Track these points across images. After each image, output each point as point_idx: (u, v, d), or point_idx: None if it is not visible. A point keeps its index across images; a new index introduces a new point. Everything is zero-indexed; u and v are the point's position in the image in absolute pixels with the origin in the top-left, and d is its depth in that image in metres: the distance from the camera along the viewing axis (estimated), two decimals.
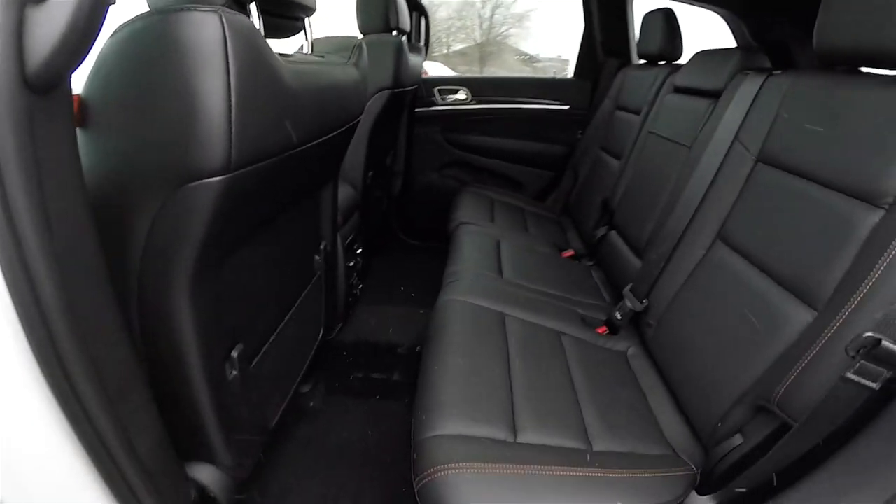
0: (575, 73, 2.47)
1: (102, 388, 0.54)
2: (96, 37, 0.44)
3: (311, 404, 1.54)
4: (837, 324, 0.74)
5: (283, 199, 0.95)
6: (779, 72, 1.17)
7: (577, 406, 1.01)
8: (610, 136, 2.03)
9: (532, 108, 2.38)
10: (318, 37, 1.15)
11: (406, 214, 2.54)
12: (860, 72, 0.95)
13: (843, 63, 0.96)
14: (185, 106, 0.57)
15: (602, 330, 1.35)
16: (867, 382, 0.66)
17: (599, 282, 1.64)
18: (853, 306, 0.73)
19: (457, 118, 2.40)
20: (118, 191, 0.64)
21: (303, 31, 1.00)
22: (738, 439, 0.87)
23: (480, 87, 2.40)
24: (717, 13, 2.05)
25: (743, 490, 0.83)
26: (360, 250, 1.73)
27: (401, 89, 1.73)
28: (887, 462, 0.63)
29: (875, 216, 0.78)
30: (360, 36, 1.76)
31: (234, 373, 0.89)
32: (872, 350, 0.65)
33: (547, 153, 2.40)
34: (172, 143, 0.60)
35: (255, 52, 0.63)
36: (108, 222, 0.61)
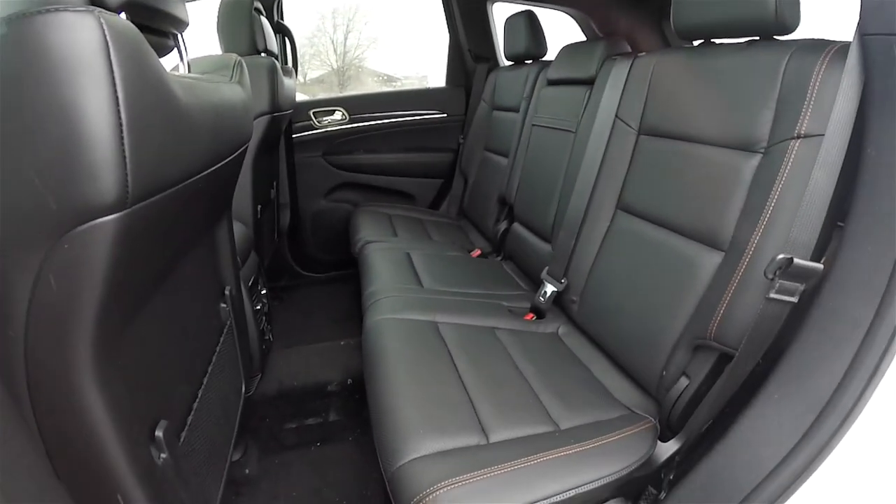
0: (447, 81, 2.53)
1: None
2: None
3: (247, 472, 1.37)
4: (749, 254, 0.83)
5: (184, 239, 0.83)
6: (643, 53, 1.30)
7: (533, 393, 1.01)
8: (492, 136, 2.11)
9: (411, 120, 2.40)
10: (192, 57, 1.04)
11: (300, 247, 2.41)
12: (713, 43, 1.08)
13: (699, 37, 1.09)
14: (63, 128, 0.46)
15: (530, 317, 1.38)
16: (788, 298, 0.75)
17: (513, 273, 1.68)
18: (759, 235, 0.83)
19: (337, 139, 2.34)
20: None
21: (175, 49, 0.89)
22: (684, 381, 0.93)
23: (356, 106, 2.36)
24: (567, 13, 2.24)
25: (701, 426, 0.88)
26: (263, 291, 1.59)
27: (279, 114, 1.64)
28: (818, 366, 0.71)
29: (754, 160, 0.90)
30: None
31: (164, 456, 0.75)
32: (787, 269, 0.73)
33: (433, 162, 2.42)
34: (52, 177, 0.47)
35: (142, 59, 0.53)
36: None
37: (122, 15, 0.66)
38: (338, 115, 2.35)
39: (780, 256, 0.74)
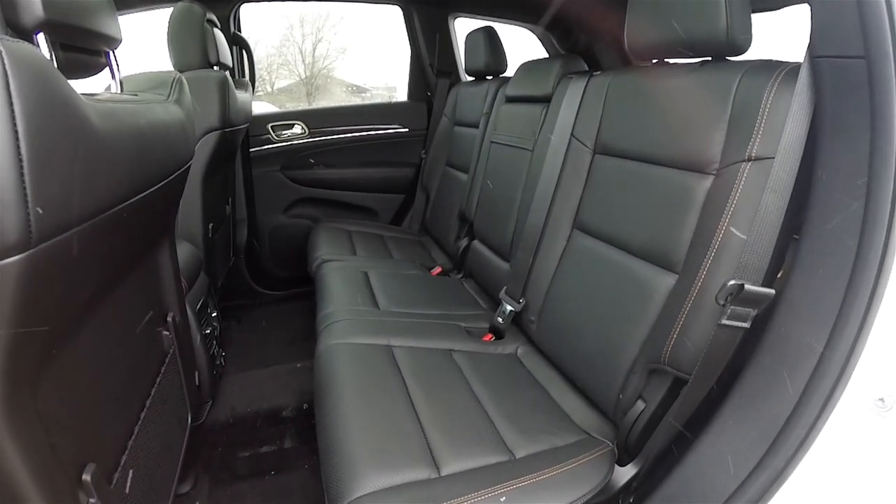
0: (409, 95, 2.52)
1: None
2: None
3: None
4: (701, 279, 0.83)
5: (114, 268, 0.78)
6: (598, 73, 1.30)
7: (488, 420, 0.98)
8: (453, 151, 2.10)
9: (372, 135, 2.37)
10: (130, 74, 0.99)
11: (258, 265, 2.33)
12: (667, 63, 1.09)
13: (653, 57, 1.09)
14: None
15: (488, 337, 1.36)
16: (740, 324, 0.74)
17: (473, 292, 1.66)
18: (710, 260, 0.82)
19: (296, 154, 2.28)
20: None
21: (108, 68, 0.84)
22: (640, 405, 0.92)
23: (316, 119, 2.32)
24: (529, 29, 2.26)
25: (658, 450, 0.87)
26: (214, 314, 1.52)
27: (231, 129, 1.58)
28: (771, 392, 0.70)
29: (706, 182, 0.89)
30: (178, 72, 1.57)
31: (92, 501, 0.69)
32: (738, 294, 0.72)
33: (394, 177, 2.39)
34: None
35: (48, 87, 0.49)
36: None
37: (41, 36, 0.62)
38: (297, 129, 2.29)
39: (731, 282, 0.73)
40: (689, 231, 0.90)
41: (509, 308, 1.34)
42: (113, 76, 0.83)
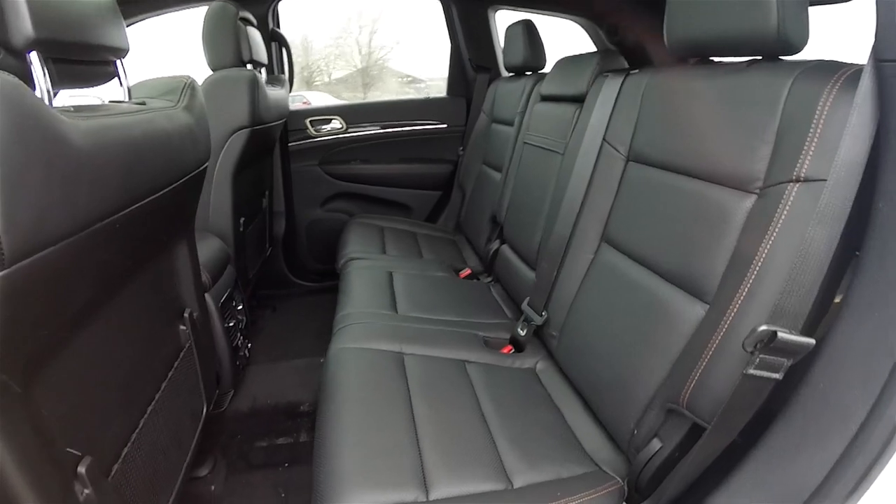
0: (448, 91, 2.47)
1: None
2: None
3: (213, 489, 1.34)
4: (730, 317, 0.73)
5: (108, 279, 0.79)
6: (636, 71, 1.19)
7: (490, 441, 0.93)
8: (490, 149, 2.04)
9: (409, 130, 2.34)
10: (146, 78, 1.00)
11: (295, 256, 2.37)
12: (711, 61, 0.98)
13: (693, 55, 0.99)
14: None
15: (507, 349, 1.30)
16: (770, 374, 0.64)
17: (499, 298, 1.60)
18: (743, 296, 0.72)
19: (333, 149, 2.29)
20: None
21: (117, 77, 0.85)
22: (656, 444, 0.84)
23: (354, 115, 2.32)
24: (575, 21, 2.15)
25: (672, 497, 0.79)
26: (240, 307, 1.55)
27: (262, 126, 1.60)
28: (800, 456, 0.61)
29: (748, 202, 0.78)
30: (211, 72, 1.60)
31: (87, 491, 0.72)
32: (770, 343, 0.63)
33: (431, 174, 2.36)
34: None
35: (20, 111, 0.49)
36: None
37: (33, 55, 0.63)
38: (335, 124, 2.30)
39: (762, 328, 0.63)
40: (725, 257, 0.79)
41: (531, 321, 1.28)
42: (122, 84, 0.84)
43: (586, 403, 1.07)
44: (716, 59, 0.97)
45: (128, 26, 1.90)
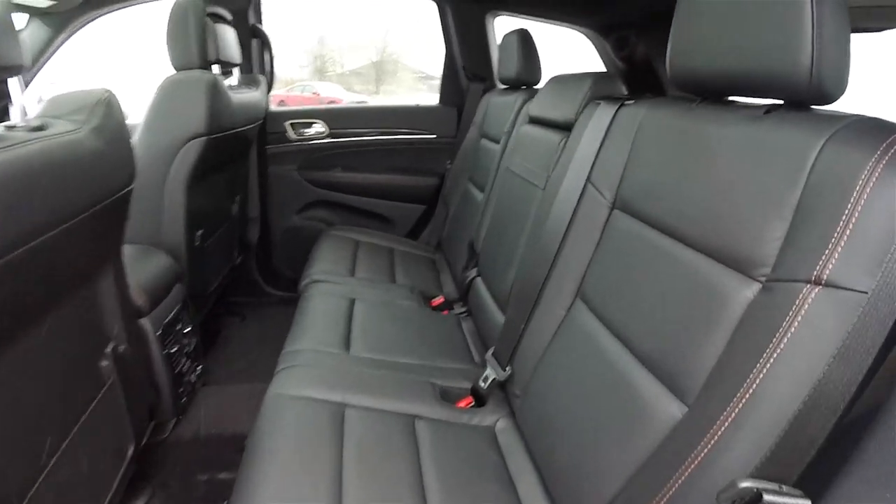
0: (440, 99, 2.34)
1: None
2: None
3: None
4: (707, 446, 0.59)
5: (12, 316, 0.70)
6: (631, 101, 1.04)
7: None
8: (477, 167, 1.91)
9: (396, 139, 2.21)
10: (59, 93, 0.89)
11: (269, 264, 2.26)
12: (724, 100, 0.82)
13: (699, 92, 0.83)
14: None
15: (467, 402, 1.18)
16: None
17: (470, 336, 1.48)
18: (725, 426, 0.57)
19: (314, 154, 2.17)
20: None
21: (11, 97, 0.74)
22: None
23: (338, 119, 2.19)
24: (581, 32, 2.01)
25: None
26: (187, 329, 1.44)
27: (224, 134, 1.48)
28: None
29: (749, 291, 0.62)
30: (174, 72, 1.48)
31: None
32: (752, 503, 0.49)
33: (417, 186, 2.24)
34: None
35: None
36: None
37: None
38: (318, 128, 2.18)
39: (744, 485, 0.50)
40: (713, 354, 0.64)
41: (493, 375, 1.16)
42: (11, 103, 0.73)
43: (542, 477, 0.95)
44: (730, 98, 0.82)
45: (99, 17, 1.78)
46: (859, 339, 0.49)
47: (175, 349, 1.36)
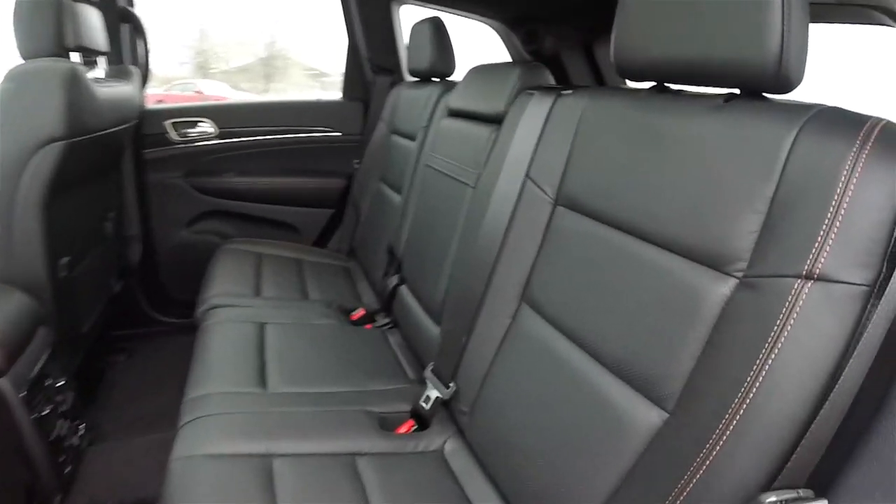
0: (343, 93, 2.18)
1: None
2: None
3: None
4: (713, 452, 0.54)
5: None
6: (569, 91, 0.98)
7: None
8: (389, 166, 1.79)
9: (296, 138, 2.02)
10: None
11: (156, 288, 1.97)
12: (669, 90, 0.79)
13: (652, 79, 0.79)
14: None
15: (409, 426, 1.07)
16: None
17: (399, 349, 1.37)
18: (732, 426, 0.53)
19: (201, 158, 1.92)
20: None
21: None
22: None
23: (228, 117, 1.95)
24: (489, 25, 1.95)
25: None
26: (61, 382, 1.17)
27: (88, 136, 1.22)
28: None
29: (724, 288, 0.59)
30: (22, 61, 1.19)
31: None
32: None
33: (322, 189, 2.06)
34: None
35: None
36: None
37: None
38: (205, 128, 1.92)
39: (770, 500, 0.48)
40: (689, 358, 0.60)
41: (435, 393, 1.06)
42: None
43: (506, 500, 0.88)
44: (676, 86, 0.78)
45: None
46: (863, 333, 0.48)
47: (47, 410, 1.10)
